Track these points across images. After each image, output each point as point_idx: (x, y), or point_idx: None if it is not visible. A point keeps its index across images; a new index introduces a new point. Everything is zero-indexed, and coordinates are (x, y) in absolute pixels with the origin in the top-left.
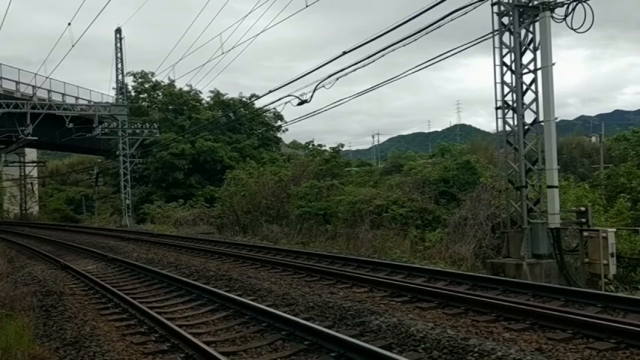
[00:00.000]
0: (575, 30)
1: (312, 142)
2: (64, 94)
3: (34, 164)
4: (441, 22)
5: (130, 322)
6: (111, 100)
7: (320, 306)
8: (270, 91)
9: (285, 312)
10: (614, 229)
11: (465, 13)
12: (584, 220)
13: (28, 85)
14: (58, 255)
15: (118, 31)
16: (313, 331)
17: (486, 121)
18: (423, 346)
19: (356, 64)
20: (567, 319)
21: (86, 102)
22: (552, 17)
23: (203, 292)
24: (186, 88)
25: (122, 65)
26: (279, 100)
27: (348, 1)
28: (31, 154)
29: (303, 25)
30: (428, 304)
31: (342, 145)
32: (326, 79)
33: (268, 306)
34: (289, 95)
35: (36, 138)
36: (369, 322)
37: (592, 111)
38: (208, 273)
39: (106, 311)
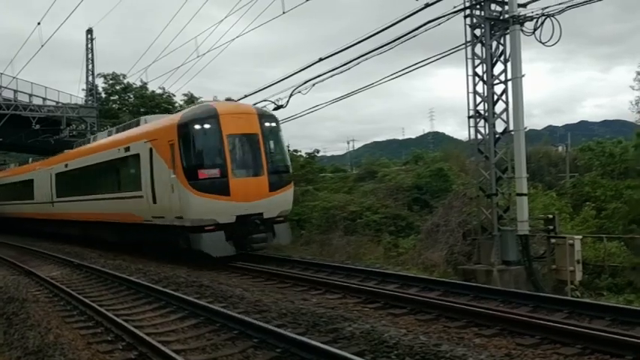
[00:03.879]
0: (543, 43)
1: (288, 146)
2: (30, 95)
3: None
4: (416, 32)
5: (96, 330)
6: (80, 102)
7: (293, 313)
8: (246, 96)
9: (257, 319)
10: (580, 237)
11: (439, 24)
12: (551, 227)
13: None
14: (21, 261)
15: (89, 31)
16: (285, 339)
17: (454, 129)
18: (395, 352)
19: (332, 70)
20: (535, 324)
21: (54, 103)
22: (522, 30)
23: (172, 299)
24: (158, 91)
25: (93, 66)
26: (255, 104)
27: (318, 10)
28: None
29: (271, 32)
30: (401, 311)
31: (318, 151)
32: (302, 84)
33: (240, 313)
34: (265, 100)
35: (0, 139)
36: (342, 328)
37: (557, 121)
38: (178, 279)
39: (71, 319)
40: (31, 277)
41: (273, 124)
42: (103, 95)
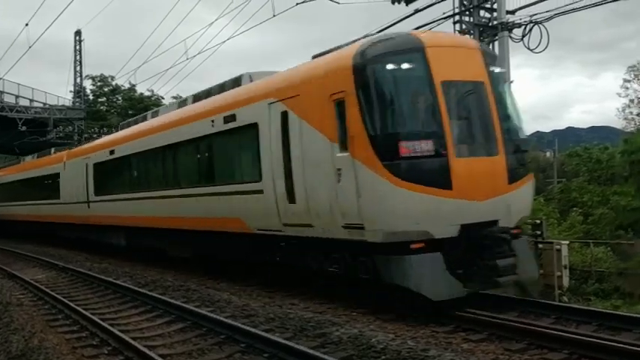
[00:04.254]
0: (531, 50)
1: None
2: (17, 96)
3: None
4: None
5: (81, 334)
6: (67, 104)
7: (280, 317)
8: None
9: (244, 323)
10: (567, 242)
11: (429, 30)
12: (538, 232)
13: None
14: (4, 263)
15: (78, 33)
16: (273, 343)
17: None
18: (383, 357)
19: None
20: (523, 329)
21: (41, 105)
22: (510, 37)
23: (159, 302)
24: (147, 93)
25: (81, 68)
26: None
27: (309, 14)
28: None
29: (263, 35)
30: (389, 315)
31: None
32: None
33: (227, 317)
34: None
35: None
36: (330, 333)
37: (545, 127)
38: (165, 283)
39: (56, 322)
40: (14, 280)
41: (502, 70)
42: (91, 97)
